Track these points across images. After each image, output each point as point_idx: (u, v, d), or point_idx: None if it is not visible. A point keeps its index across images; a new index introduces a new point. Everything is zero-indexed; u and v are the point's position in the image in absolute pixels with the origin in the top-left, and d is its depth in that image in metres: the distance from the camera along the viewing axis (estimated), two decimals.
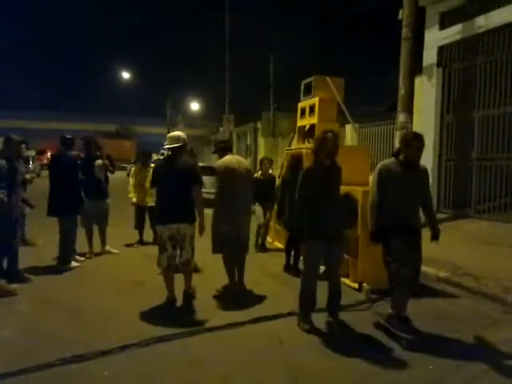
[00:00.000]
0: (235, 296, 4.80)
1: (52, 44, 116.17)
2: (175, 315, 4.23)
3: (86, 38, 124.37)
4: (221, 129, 34.19)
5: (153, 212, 6.28)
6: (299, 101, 7.37)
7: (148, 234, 7.47)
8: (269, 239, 7.77)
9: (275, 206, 7.17)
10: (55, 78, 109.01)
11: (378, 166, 3.98)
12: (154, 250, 5.92)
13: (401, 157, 3.89)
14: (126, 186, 7.63)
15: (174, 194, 4.39)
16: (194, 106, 40.15)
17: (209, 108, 39.62)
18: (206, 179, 5.36)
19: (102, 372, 3.09)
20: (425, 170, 3.98)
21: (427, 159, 8.94)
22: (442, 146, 9.43)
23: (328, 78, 6.72)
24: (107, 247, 6.68)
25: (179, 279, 4.59)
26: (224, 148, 5.11)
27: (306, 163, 6.56)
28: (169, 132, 33.24)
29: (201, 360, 3.33)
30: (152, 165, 6.95)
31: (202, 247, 4.96)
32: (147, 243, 7.34)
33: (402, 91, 7.91)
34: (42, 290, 4.91)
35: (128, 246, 7.33)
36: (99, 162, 6.28)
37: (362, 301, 4.79)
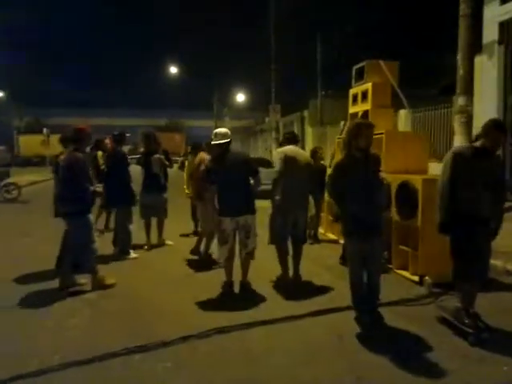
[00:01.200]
0: (291, 287, 4.76)
1: (98, 39, 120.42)
2: (232, 306, 4.25)
3: (132, 32, 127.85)
4: (266, 119, 34.08)
5: None
6: (348, 87, 7.14)
7: None
8: (321, 230, 7.64)
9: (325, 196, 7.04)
10: (102, 74, 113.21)
11: (451, 151, 3.70)
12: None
13: (478, 143, 3.62)
14: (178, 179, 7.76)
15: (236, 187, 4.57)
16: (240, 97, 40.28)
17: (254, 99, 39.60)
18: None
19: (165, 363, 3.16)
20: (498, 157, 3.69)
21: None
22: (506, 128, 8.79)
23: (381, 62, 6.43)
24: (163, 239, 6.83)
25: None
26: (289, 139, 5.18)
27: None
28: (216, 125, 33.61)
29: (260, 353, 3.32)
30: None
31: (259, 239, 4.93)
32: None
33: (460, 72, 7.38)
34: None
35: (183, 236, 7.50)
36: (155, 156, 6.49)
37: (423, 295, 4.57)
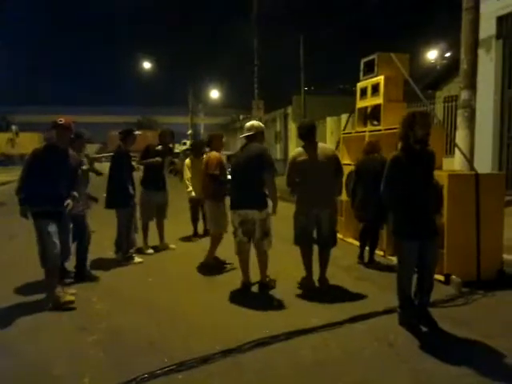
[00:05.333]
0: (316, 292, 4.51)
1: (73, 37, 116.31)
2: (262, 314, 3.95)
3: (106, 28, 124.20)
4: (241, 116, 33.55)
5: None
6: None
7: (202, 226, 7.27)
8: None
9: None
10: (74, 71, 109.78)
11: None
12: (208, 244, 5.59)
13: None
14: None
15: (244, 180, 4.45)
16: (214, 93, 39.76)
17: (230, 96, 39.25)
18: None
19: (212, 381, 2.83)
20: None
21: (487, 138, 8.42)
22: (504, 123, 8.84)
23: (392, 55, 6.27)
24: (166, 242, 6.42)
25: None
26: (302, 135, 4.64)
27: (367, 147, 6.16)
28: (191, 121, 33.19)
29: (309, 366, 3.04)
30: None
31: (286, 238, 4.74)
32: (200, 235, 7.16)
33: (464, 66, 7.29)
34: (113, 288, 4.69)
35: (183, 239, 7.08)
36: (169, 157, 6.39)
37: (454, 295, 4.39)
